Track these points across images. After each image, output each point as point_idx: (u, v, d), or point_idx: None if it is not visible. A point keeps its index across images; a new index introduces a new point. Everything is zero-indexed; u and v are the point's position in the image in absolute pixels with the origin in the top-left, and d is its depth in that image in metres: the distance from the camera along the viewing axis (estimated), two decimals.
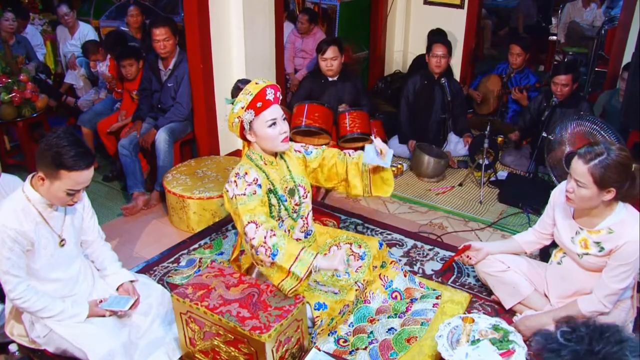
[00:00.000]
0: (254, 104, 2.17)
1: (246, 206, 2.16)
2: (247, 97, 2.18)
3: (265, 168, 2.30)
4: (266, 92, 2.18)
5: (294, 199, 2.38)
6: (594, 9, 6.55)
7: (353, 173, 2.45)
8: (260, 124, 2.22)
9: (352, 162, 2.45)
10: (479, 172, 3.93)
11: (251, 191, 2.19)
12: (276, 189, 2.31)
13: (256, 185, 2.22)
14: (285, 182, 2.36)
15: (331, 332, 2.35)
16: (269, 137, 2.24)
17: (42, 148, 1.90)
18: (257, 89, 2.18)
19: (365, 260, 2.46)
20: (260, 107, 2.19)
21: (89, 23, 5.56)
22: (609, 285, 2.17)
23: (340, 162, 2.47)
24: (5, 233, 1.91)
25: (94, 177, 2.06)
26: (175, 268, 2.95)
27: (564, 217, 2.33)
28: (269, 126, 2.22)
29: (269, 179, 2.29)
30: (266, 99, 2.19)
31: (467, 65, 5.34)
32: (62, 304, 2.06)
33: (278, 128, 2.23)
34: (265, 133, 2.23)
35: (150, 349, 2.22)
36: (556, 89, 3.74)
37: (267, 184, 2.28)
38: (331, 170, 2.48)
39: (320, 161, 2.48)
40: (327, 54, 3.94)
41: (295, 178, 2.40)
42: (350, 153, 2.50)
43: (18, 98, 3.85)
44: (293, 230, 2.43)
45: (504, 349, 2.03)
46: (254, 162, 2.29)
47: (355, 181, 2.45)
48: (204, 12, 3.60)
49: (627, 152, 2.07)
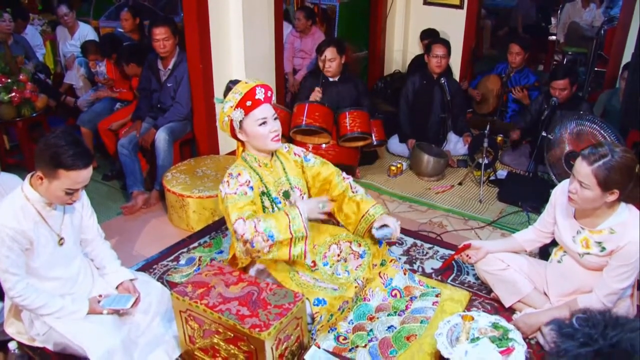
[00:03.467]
0: (244, 102, 2.20)
1: (235, 205, 2.19)
2: (236, 96, 2.21)
3: (259, 170, 2.32)
4: (256, 91, 2.21)
5: (288, 201, 2.39)
6: (594, 9, 6.56)
7: (350, 207, 2.47)
8: (250, 122, 2.25)
9: (352, 199, 2.47)
10: (479, 171, 3.93)
11: (242, 191, 2.22)
12: (269, 191, 2.32)
13: (248, 187, 2.24)
14: (280, 185, 2.37)
15: (331, 329, 2.35)
16: (259, 135, 2.26)
17: (40, 147, 1.91)
18: (246, 88, 2.21)
19: (364, 258, 2.46)
20: (249, 106, 2.21)
21: (88, 23, 5.56)
22: (610, 285, 2.17)
23: (336, 186, 2.49)
24: (4, 232, 1.91)
25: (94, 176, 2.07)
26: (175, 266, 2.95)
27: (565, 216, 2.33)
28: (259, 125, 2.24)
29: (262, 181, 2.31)
30: (256, 98, 2.22)
31: (466, 65, 5.34)
32: (62, 301, 2.06)
33: (269, 127, 2.26)
34: (256, 132, 2.25)
35: (150, 347, 2.21)
36: (554, 93, 3.74)
37: (260, 186, 2.30)
38: (324, 186, 2.51)
39: (316, 172, 2.49)
40: (325, 55, 3.95)
41: (292, 180, 2.41)
42: (351, 183, 2.51)
43: (17, 98, 3.84)
44: None
45: (504, 347, 2.03)
46: (249, 164, 2.32)
47: (350, 214, 2.47)
48: (203, 12, 3.60)
49: (631, 153, 2.06)
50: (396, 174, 4.13)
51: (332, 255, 2.49)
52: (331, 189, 2.50)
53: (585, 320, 1.21)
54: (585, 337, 1.17)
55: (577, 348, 1.16)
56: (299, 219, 2.18)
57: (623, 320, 1.22)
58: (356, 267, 2.44)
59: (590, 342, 1.16)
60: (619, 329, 1.18)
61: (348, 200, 2.48)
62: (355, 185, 2.54)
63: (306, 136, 3.89)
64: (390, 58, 5.72)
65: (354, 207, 2.47)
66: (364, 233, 2.48)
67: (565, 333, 1.20)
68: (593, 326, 1.19)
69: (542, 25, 7.38)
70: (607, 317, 1.22)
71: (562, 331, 1.21)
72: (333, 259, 2.48)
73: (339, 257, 2.48)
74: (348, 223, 2.52)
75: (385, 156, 4.49)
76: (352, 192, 2.49)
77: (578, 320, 1.22)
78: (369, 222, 2.43)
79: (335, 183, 2.49)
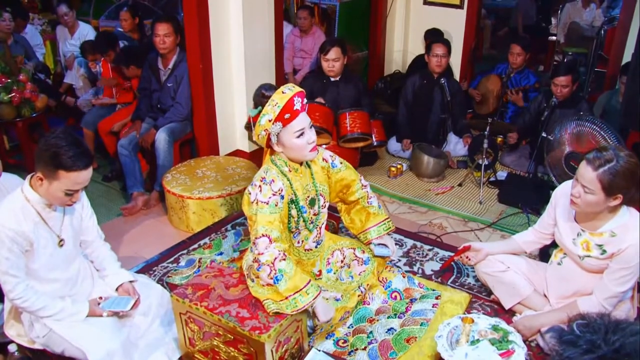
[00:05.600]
0: (282, 115, 2.05)
1: (265, 217, 2.08)
2: (274, 109, 2.05)
3: (289, 175, 2.21)
4: (294, 102, 2.06)
5: (313, 209, 2.31)
6: (594, 9, 6.55)
7: (361, 215, 2.48)
8: (287, 134, 2.10)
9: (365, 209, 2.47)
10: (479, 172, 3.93)
11: (274, 202, 2.11)
12: (298, 199, 2.22)
13: (279, 196, 2.13)
14: (308, 192, 2.28)
15: (329, 335, 2.35)
16: (297, 147, 2.14)
17: (40, 148, 1.90)
18: (284, 99, 2.04)
19: (369, 265, 2.46)
20: (288, 118, 2.07)
21: (88, 23, 5.56)
22: (610, 288, 2.17)
23: (354, 193, 2.46)
24: (3, 233, 1.90)
25: (94, 177, 2.06)
26: (175, 268, 2.94)
27: (566, 218, 2.32)
28: (297, 137, 2.11)
29: (292, 188, 2.21)
30: (294, 109, 2.07)
31: (466, 65, 5.34)
32: (62, 303, 2.06)
33: (306, 137, 2.13)
34: (294, 143, 2.12)
35: (150, 349, 2.21)
36: (556, 89, 3.73)
37: (290, 193, 2.20)
38: (342, 190, 2.47)
39: (340, 177, 2.43)
40: (329, 55, 3.94)
41: (318, 186, 2.33)
42: (369, 193, 2.50)
43: (17, 98, 3.84)
44: (307, 241, 2.37)
45: (504, 349, 2.03)
46: (279, 168, 2.20)
47: (357, 220, 2.49)
48: (203, 12, 3.60)
49: (635, 158, 2.04)
50: (396, 175, 4.13)
51: (336, 261, 2.48)
52: (349, 193, 2.46)
53: (586, 326, 1.20)
54: (587, 344, 1.16)
55: (580, 355, 1.16)
56: (307, 299, 2.05)
57: (624, 324, 1.21)
58: (359, 273, 2.44)
59: (593, 348, 1.15)
60: (620, 333, 1.17)
61: (360, 208, 2.48)
62: (372, 195, 2.50)
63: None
64: (390, 58, 5.71)
65: (363, 216, 2.47)
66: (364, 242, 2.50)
67: (567, 340, 1.20)
68: (594, 332, 1.18)
69: (542, 25, 7.38)
70: (607, 322, 1.22)
71: (563, 338, 1.21)
72: (337, 265, 2.47)
73: (343, 263, 2.48)
74: (351, 227, 2.52)
75: (385, 157, 4.48)
76: (367, 203, 2.48)
77: (578, 327, 1.21)
78: (368, 239, 2.46)
79: (354, 190, 2.45)
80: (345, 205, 2.53)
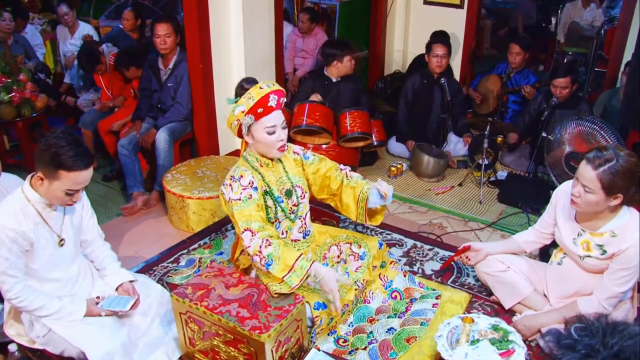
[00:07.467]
0: (255, 109, 2.15)
1: (242, 212, 2.17)
2: (249, 101, 2.16)
3: (261, 170, 2.30)
4: (269, 99, 2.15)
5: (291, 199, 2.37)
6: (594, 9, 6.55)
7: (348, 195, 2.46)
8: (259, 128, 2.21)
9: (348, 186, 2.45)
10: (479, 172, 3.93)
11: (247, 195, 2.19)
12: (272, 190, 2.30)
13: (252, 188, 2.22)
14: (282, 184, 2.36)
15: (331, 332, 2.35)
16: (266, 143, 2.23)
17: (40, 148, 1.90)
18: (260, 94, 2.14)
19: (364, 260, 2.46)
20: (261, 112, 2.17)
21: (88, 23, 5.55)
22: (610, 288, 2.17)
23: (335, 178, 2.47)
24: (4, 233, 1.90)
25: (94, 177, 2.06)
26: (175, 268, 2.94)
27: (566, 218, 2.32)
28: (268, 133, 2.21)
29: (264, 180, 2.29)
30: (268, 106, 2.16)
31: (467, 65, 5.34)
32: (60, 302, 2.06)
33: (276, 135, 2.22)
34: (263, 138, 2.22)
35: (150, 349, 2.21)
36: (555, 91, 3.73)
37: (263, 185, 2.28)
38: (324, 182, 2.49)
39: (315, 168, 2.47)
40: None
41: (292, 179, 2.39)
42: (347, 172, 2.49)
43: (17, 98, 3.84)
44: (291, 231, 2.42)
45: (504, 349, 2.03)
46: (250, 164, 2.30)
47: (349, 202, 2.46)
48: (203, 12, 3.59)
49: (635, 157, 2.04)
50: (396, 174, 4.13)
51: (332, 256, 2.49)
52: (331, 183, 2.48)
53: (584, 329, 1.20)
54: (586, 348, 1.16)
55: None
56: (301, 273, 2.09)
57: (621, 327, 1.20)
58: (356, 269, 2.44)
59: (592, 352, 1.15)
60: (618, 336, 1.17)
61: (345, 188, 2.46)
62: (351, 173, 2.51)
63: (306, 136, 3.89)
64: (390, 58, 5.71)
65: (351, 193, 2.45)
66: (365, 216, 2.44)
67: (565, 345, 1.19)
68: (592, 335, 1.17)
69: (542, 25, 7.38)
70: (605, 325, 1.21)
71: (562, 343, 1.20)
72: (333, 260, 2.49)
73: (339, 258, 2.49)
74: (350, 212, 2.48)
75: (385, 157, 4.48)
76: (347, 180, 2.47)
77: (576, 330, 1.20)
78: (364, 199, 2.41)
79: (334, 177, 2.47)
80: (336, 197, 2.52)
